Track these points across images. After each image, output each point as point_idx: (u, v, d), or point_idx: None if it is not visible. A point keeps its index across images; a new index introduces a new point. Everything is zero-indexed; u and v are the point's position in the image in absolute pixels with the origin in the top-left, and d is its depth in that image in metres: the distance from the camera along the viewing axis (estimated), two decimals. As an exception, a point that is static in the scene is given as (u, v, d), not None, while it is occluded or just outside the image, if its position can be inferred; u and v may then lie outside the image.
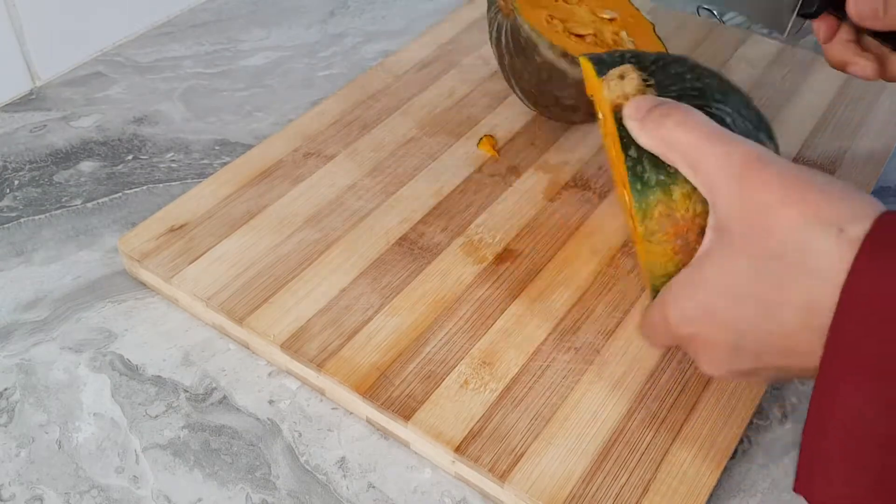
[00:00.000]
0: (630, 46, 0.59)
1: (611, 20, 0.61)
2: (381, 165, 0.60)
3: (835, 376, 0.34)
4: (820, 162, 0.61)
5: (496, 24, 0.59)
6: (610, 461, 0.43)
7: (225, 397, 0.48)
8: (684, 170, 0.37)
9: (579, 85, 0.56)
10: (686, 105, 0.38)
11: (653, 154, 0.38)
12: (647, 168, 0.38)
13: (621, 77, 0.40)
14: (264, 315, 0.50)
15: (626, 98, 0.40)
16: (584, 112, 0.59)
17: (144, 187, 0.62)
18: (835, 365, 0.34)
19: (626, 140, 0.39)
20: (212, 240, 0.54)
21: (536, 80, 0.58)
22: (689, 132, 0.37)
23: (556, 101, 0.59)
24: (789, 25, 0.51)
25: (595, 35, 0.59)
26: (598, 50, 0.57)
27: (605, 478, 0.43)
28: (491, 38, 0.61)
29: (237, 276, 0.52)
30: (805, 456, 0.36)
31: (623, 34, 0.60)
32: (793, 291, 0.35)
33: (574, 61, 0.56)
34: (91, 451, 0.46)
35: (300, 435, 0.47)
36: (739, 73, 0.70)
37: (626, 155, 0.39)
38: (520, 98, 0.62)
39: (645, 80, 0.41)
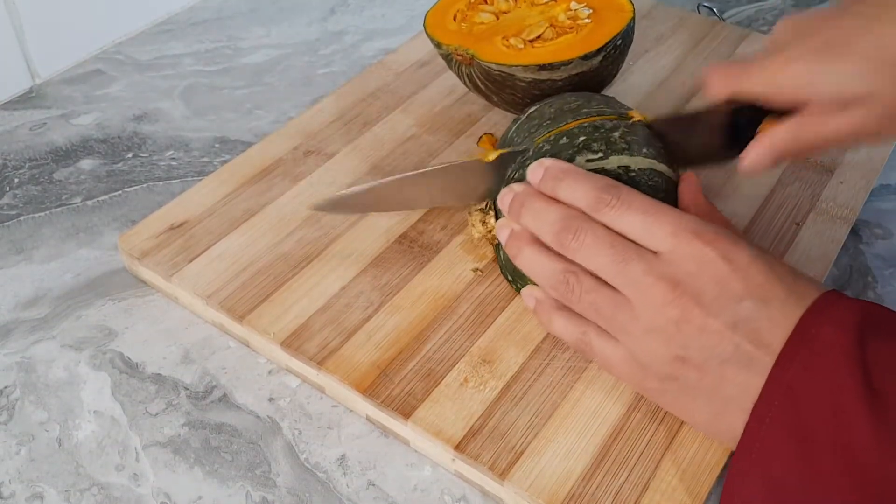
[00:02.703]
0: (585, 16, 0.59)
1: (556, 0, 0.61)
2: (381, 163, 0.60)
3: (755, 441, 0.37)
4: (820, 161, 0.61)
5: (465, 74, 0.59)
6: (610, 459, 0.43)
7: (225, 395, 0.48)
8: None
9: (571, 81, 0.56)
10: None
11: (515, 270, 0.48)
12: (517, 282, 0.49)
13: (481, 222, 0.52)
14: (264, 313, 0.50)
15: (490, 231, 0.51)
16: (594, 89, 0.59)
17: (144, 185, 0.62)
18: (757, 432, 0.37)
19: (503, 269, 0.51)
20: (212, 238, 0.54)
21: (531, 99, 0.58)
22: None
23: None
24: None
25: (552, 25, 0.59)
26: (558, 42, 0.57)
27: (604, 476, 0.43)
28: (468, 87, 0.61)
29: (237, 274, 0.52)
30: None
31: (574, 6, 0.60)
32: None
33: (554, 66, 0.55)
34: (91, 449, 0.46)
35: (300, 433, 0.47)
36: (739, 71, 0.69)
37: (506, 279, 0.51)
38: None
39: (483, 212, 0.52)
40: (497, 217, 0.50)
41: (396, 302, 0.51)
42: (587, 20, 0.59)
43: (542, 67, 0.55)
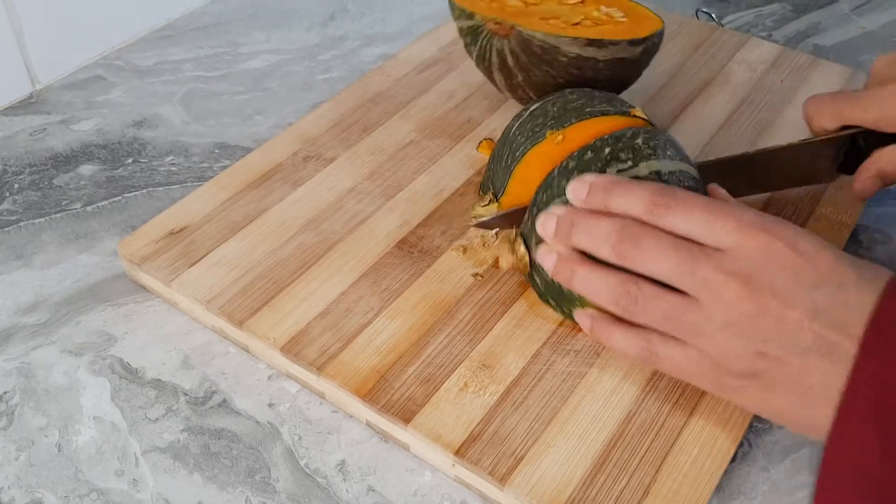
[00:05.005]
0: (620, 16, 0.59)
1: (581, 1, 0.61)
2: (381, 168, 0.60)
3: (845, 432, 0.37)
4: (819, 165, 0.61)
5: (492, 50, 0.58)
6: (610, 464, 0.43)
7: (225, 400, 0.48)
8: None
9: (611, 65, 0.57)
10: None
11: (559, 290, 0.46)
12: (562, 306, 0.48)
13: (510, 251, 0.50)
14: (264, 318, 0.50)
15: (521, 260, 0.49)
16: (617, 88, 0.60)
17: (144, 191, 0.62)
18: (847, 421, 0.36)
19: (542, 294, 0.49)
20: (211, 243, 0.54)
21: (566, 78, 0.57)
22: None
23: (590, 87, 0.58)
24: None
25: (586, 17, 0.59)
26: (601, 28, 0.58)
27: (605, 481, 0.42)
28: (489, 66, 0.60)
29: (237, 279, 0.52)
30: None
31: (604, 9, 0.60)
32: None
33: (603, 43, 0.55)
34: (91, 455, 0.46)
35: (300, 438, 0.47)
36: (739, 76, 0.70)
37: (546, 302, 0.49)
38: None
39: (510, 241, 0.50)
40: (526, 244, 0.49)
41: (396, 307, 0.51)
42: (622, 19, 0.59)
43: (590, 42, 0.55)
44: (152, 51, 0.76)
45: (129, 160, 0.65)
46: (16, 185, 0.62)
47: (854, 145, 0.54)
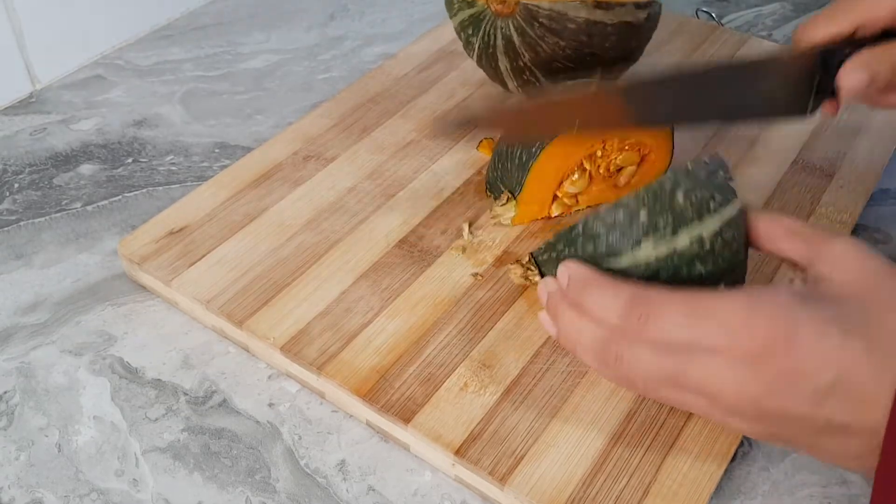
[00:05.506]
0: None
1: None
2: (381, 168, 0.60)
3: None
4: (819, 165, 0.61)
5: (496, 34, 0.58)
6: (610, 464, 0.43)
7: (225, 400, 0.48)
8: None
9: (619, 29, 0.57)
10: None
11: None
12: None
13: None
14: (264, 318, 0.50)
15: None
16: (624, 60, 0.60)
17: (144, 190, 0.62)
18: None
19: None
20: (211, 243, 0.54)
21: (574, 48, 0.57)
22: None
23: (599, 60, 0.58)
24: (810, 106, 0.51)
25: None
26: None
27: (605, 480, 0.42)
28: (493, 52, 0.60)
29: (237, 279, 0.52)
30: None
31: None
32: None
33: (610, 5, 0.56)
34: (91, 455, 0.46)
35: (300, 438, 0.47)
36: (739, 76, 0.70)
37: None
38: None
39: (523, 266, 0.48)
40: (540, 272, 0.46)
41: (396, 306, 0.51)
42: None
43: (597, 5, 0.56)
44: (152, 51, 0.76)
45: (129, 160, 0.65)
46: (16, 185, 0.62)
47: (827, 70, 0.48)
